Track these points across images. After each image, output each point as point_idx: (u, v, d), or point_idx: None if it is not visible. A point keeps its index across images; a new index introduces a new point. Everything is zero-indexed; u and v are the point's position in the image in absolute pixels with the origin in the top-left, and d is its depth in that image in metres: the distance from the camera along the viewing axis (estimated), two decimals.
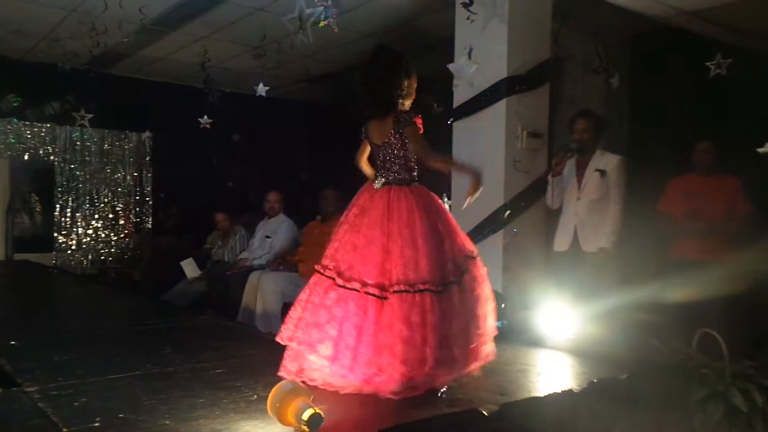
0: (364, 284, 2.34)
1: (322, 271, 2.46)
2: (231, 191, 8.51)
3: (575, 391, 2.39)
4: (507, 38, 4.25)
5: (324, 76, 7.46)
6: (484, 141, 4.38)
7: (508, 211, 4.25)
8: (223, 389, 2.35)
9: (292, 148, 8.43)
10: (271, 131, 7.97)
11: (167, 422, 1.99)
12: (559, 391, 2.35)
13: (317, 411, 1.78)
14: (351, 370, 2.27)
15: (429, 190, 2.62)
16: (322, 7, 3.98)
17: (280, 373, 2.35)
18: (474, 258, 2.57)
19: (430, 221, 2.46)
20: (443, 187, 4.90)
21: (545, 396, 2.30)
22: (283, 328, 2.46)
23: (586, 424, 2.36)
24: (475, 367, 2.44)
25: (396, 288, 2.30)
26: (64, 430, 1.88)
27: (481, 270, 2.57)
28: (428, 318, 2.25)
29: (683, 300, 3.89)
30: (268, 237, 5.70)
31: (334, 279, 2.40)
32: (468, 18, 4.33)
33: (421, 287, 2.29)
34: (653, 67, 5.91)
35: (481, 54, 4.26)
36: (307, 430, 1.78)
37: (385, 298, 2.32)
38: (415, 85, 2.70)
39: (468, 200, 2.63)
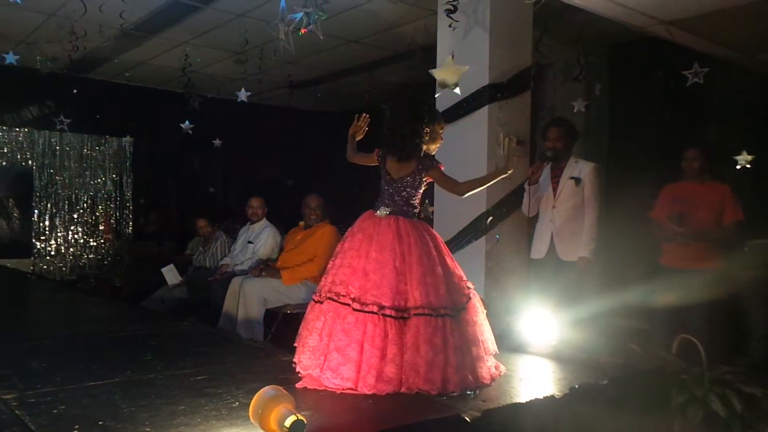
0: (381, 307, 2.45)
1: (336, 298, 2.54)
2: (212, 196, 8.47)
3: (557, 396, 2.41)
4: (488, 46, 4.29)
5: (307, 81, 7.46)
6: (466, 148, 4.41)
7: (490, 218, 4.28)
8: (204, 396, 2.33)
9: (274, 153, 8.41)
10: (253, 137, 7.94)
11: (147, 429, 1.97)
12: (541, 397, 2.37)
13: (300, 417, 1.78)
14: (376, 389, 2.34)
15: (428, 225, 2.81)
16: (303, 13, 3.99)
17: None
18: (471, 287, 2.74)
19: (439, 251, 2.64)
20: (425, 194, 4.94)
21: (527, 402, 2.32)
22: (301, 357, 2.57)
23: (568, 430, 2.38)
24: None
25: (420, 311, 2.44)
26: None
27: (477, 298, 2.74)
28: (450, 341, 2.42)
29: (663, 306, 3.93)
30: (250, 242, 5.67)
31: (350, 305, 2.49)
32: (450, 26, 4.36)
33: (442, 312, 2.46)
34: (632, 75, 6.00)
35: (463, 61, 4.29)
36: None
37: (405, 318, 2.45)
38: (440, 130, 2.89)
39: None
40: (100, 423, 2.01)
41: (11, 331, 3.58)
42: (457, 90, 4.04)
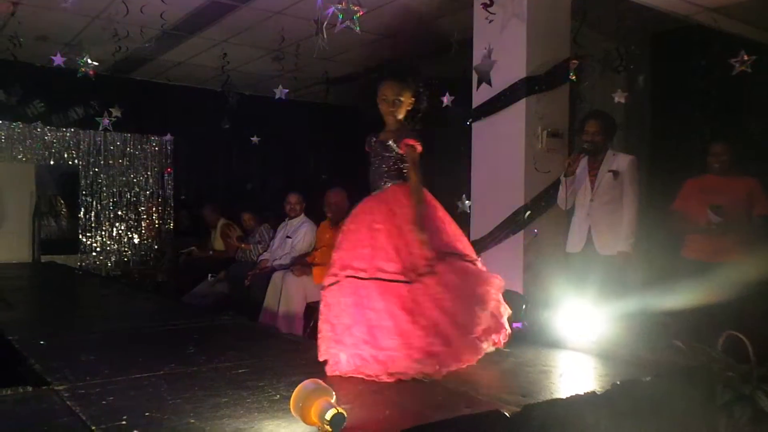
0: (400, 272, 2.50)
1: (356, 274, 2.54)
2: (250, 193, 8.58)
3: (598, 393, 2.37)
4: (526, 38, 4.24)
5: (343, 77, 7.49)
6: (504, 141, 4.37)
7: (528, 212, 4.24)
8: (246, 389, 2.37)
9: (311, 149, 8.48)
10: (290, 133, 8.02)
11: (192, 420, 2.01)
12: (582, 393, 2.34)
13: (340, 411, 1.80)
14: (398, 349, 2.41)
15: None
16: (338, 7, 4.01)
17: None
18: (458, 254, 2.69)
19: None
20: (464, 188, 4.92)
21: (567, 398, 2.29)
22: (322, 347, 2.59)
23: (609, 427, 2.34)
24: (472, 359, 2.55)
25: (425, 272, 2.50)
26: (93, 428, 1.91)
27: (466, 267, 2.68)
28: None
29: (705, 302, 3.84)
30: (288, 237, 5.74)
31: (356, 276, 2.53)
32: (487, 18, 4.32)
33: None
34: (675, 65, 5.84)
35: (500, 54, 4.25)
36: (330, 429, 1.79)
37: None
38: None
39: None
40: (147, 414, 2.07)
41: (62, 325, 3.71)
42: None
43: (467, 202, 4.95)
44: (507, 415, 2.06)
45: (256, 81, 7.51)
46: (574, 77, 4.55)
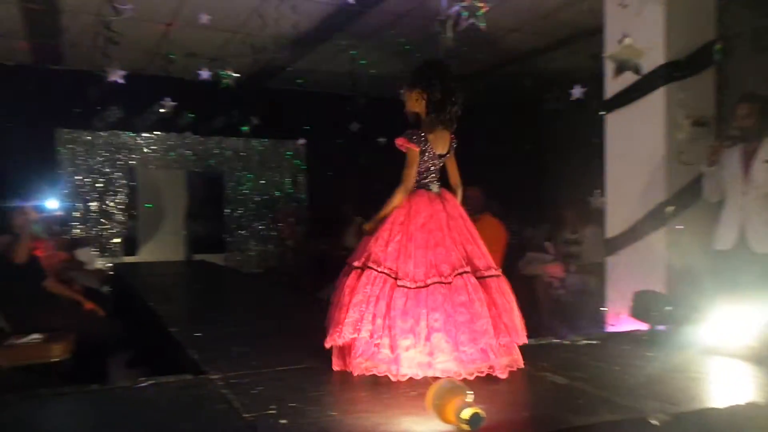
0: (474, 272, 2.62)
1: (442, 279, 2.57)
2: (379, 193, 8.76)
3: (760, 404, 2.18)
4: (664, 20, 3.98)
5: (469, 75, 7.44)
6: (642, 132, 4.13)
7: (671, 207, 3.98)
8: (382, 385, 2.44)
9: None
10: None
11: (333, 413, 2.11)
12: (742, 403, 2.16)
13: (477, 410, 1.80)
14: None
15: None
16: (462, 5, 4.00)
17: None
18: None
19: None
20: (597, 182, 4.71)
21: (725, 407, 2.12)
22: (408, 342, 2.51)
23: None
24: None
25: (490, 273, 2.65)
26: (245, 415, 2.06)
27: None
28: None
29: None
30: None
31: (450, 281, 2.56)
32: (620, 4, 4.11)
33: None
34: None
35: (636, 40, 4.02)
36: (468, 428, 1.80)
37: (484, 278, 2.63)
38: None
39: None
40: (291, 405, 2.19)
41: (213, 318, 4.03)
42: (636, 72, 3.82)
43: (601, 197, 4.73)
44: (655, 423, 1.95)
45: (383, 83, 7.66)
46: (719, 60, 4.19)
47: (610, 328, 4.10)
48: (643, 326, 3.46)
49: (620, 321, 3.99)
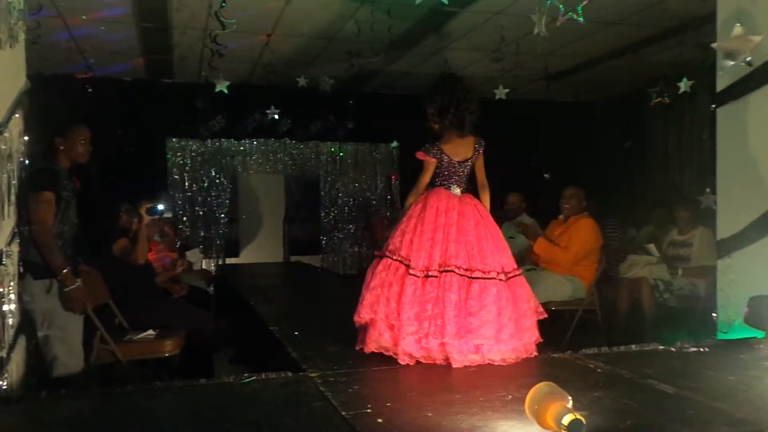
0: (499, 272, 2.89)
1: (459, 271, 2.84)
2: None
3: None
4: None
5: (563, 72, 7.23)
6: (760, 127, 3.84)
7: None
8: (477, 387, 2.42)
9: (531, 147, 8.33)
10: (509, 133, 7.96)
11: (429, 414, 2.11)
12: None
13: (578, 417, 1.75)
14: (517, 334, 2.84)
15: None
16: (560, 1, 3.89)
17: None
18: None
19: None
20: (707, 182, 4.43)
21: None
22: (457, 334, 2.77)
23: None
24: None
25: (515, 273, 2.98)
26: (343, 413, 2.11)
27: None
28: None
29: None
30: (511, 237, 5.71)
31: (470, 276, 2.84)
32: None
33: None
34: None
35: (752, 27, 3.74)
36: None
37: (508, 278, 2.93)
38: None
39: None
40: (388, 404, 2.23)
41: (310, 318, 4.15)
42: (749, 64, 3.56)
43: (712, 196, 4.44)
44: None
45: (476, 83, 7.59)
46: None
47: (721, 336, 3.85)
48: (759, 334, 3.22)
49: (733, 328, 3.73)
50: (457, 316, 2.75)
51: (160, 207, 4.41)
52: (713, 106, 4.18)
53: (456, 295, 2.77)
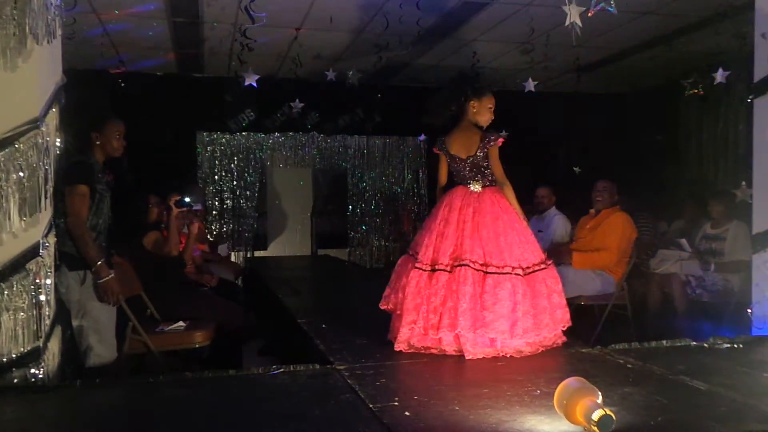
0: (515, 267, 2.92)
1: (473, 265, 2.87)
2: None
3: None
4: None
5: (594, 63, 7.11)
6: None
7: None
8: (505, 382, 2.41)
9: (561, 141, 8.22)
10: (538, 126, 7.87)
11: (457, 408, 2.11)
12: None
13: (608, 412, 1.73)
14: (535, 329, 2.87)
15: None
16: None
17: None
18: None
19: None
20: (742, 175, 4.32)
21: None
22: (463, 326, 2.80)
23: None
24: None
25: (541, 267, 3.01)
26: (371, 405, 2.12)
27: None
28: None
29: None
30: (540, 231, 5.65)
31: (485, 271, 2.88)
32: None
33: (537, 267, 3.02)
34: None
35: None
36: (597, 431, 1.73)
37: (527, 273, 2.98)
38: (489, 105, 3.37)
39: None
40: (415, 397, 2.23)
41: (337, 311, 4.17)
42: None
43: (748, 190, 4.33)
44: None
45: (505, 76, 7.51)
46: None
47: (756, 332, 3.76)
48: None
49: None
50: (472, 309, 2.79)
51: (188, 199, 4.45)
52: (750, 97, 4.07)
53: (471, 288, 2.81)
